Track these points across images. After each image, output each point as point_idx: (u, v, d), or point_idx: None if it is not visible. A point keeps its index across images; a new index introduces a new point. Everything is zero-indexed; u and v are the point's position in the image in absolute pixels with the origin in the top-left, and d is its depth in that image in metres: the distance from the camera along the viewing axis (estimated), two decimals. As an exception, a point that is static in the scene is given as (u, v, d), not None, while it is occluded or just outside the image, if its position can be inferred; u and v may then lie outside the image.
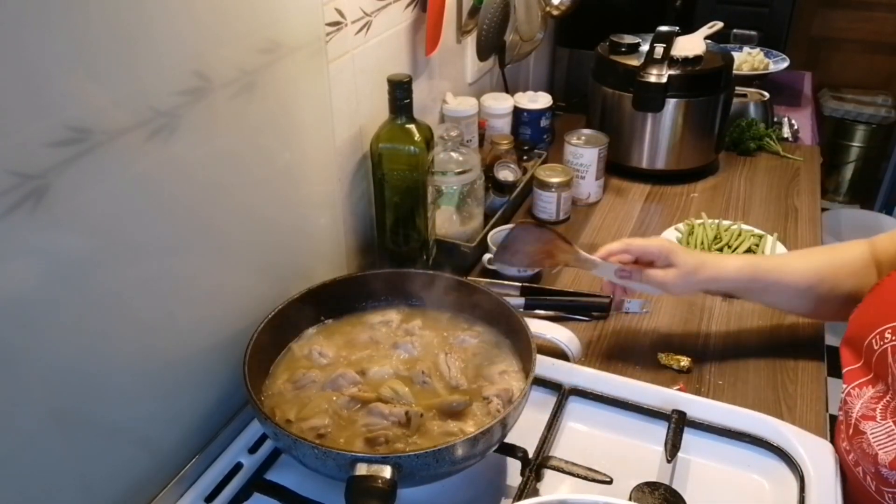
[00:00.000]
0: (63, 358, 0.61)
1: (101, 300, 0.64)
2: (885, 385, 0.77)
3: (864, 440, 0.76)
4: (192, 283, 0.76)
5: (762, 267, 0.97)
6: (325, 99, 0.94)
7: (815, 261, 0.97)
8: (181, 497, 0.76)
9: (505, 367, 0.82)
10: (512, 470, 0.80)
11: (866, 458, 0.76)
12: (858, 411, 0.79)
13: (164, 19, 0.64)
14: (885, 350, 0.76)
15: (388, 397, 0.77)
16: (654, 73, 1.37)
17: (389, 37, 1.12)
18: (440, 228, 1.18)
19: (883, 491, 0.75)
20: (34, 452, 0.61)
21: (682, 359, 0.99)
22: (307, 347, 0.85)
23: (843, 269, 0.94)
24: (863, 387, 0.80)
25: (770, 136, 1.64)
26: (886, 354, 0.76)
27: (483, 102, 1.44)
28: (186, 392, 0.78)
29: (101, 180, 0.61)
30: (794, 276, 0.95)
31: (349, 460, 0.65)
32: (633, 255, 0.95)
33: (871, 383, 0.79)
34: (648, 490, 0.74)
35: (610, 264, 0.95)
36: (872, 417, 0.77)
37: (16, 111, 0.53)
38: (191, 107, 0.69)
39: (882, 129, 3.13)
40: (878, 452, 0.74)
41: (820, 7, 3.10)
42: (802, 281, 0.95)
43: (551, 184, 1.30)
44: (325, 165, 0.98)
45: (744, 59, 1.98)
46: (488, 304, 0.87)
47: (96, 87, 0.59)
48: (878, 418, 0.76)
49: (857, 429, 0.78)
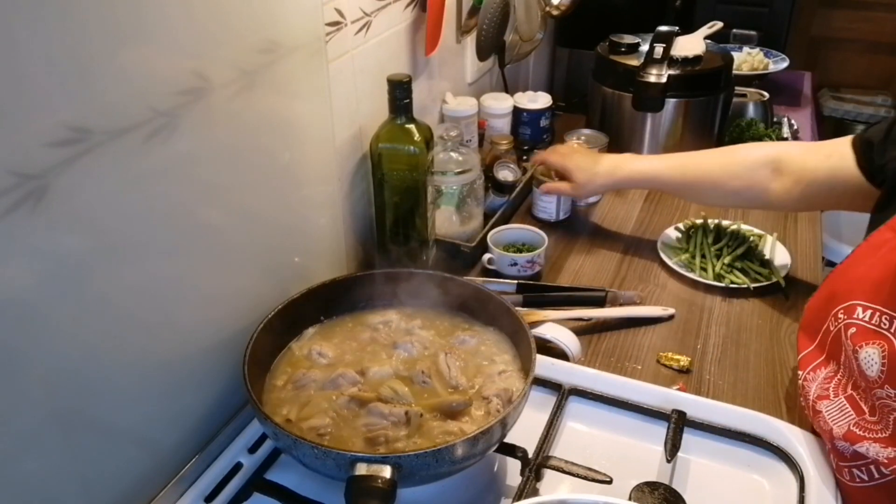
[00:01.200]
0: (62, 358, 0.61)
1: (100, 300, 0.64)
2: (837, 364, 0.80)
3: (820, 419, 0.78)
4: (192, 283, 0.76)
5: (689, 166, 1.15)
6: (324, 99, 0.94)
7: (725, 160, 1.12)
8: (181, 497, 0.76)
9: (505, 367, 0.82)
10: (512, 470, 0.80)
11: (825, 436, 0.79)
12: (814, 393, 0.81)
13: (163, 19, 0.64)
14: (839, 330, 0.79)
15: (387, 397, 0.77)
16: (654, 73, 1.37)
17: (389, 37, 1.12)
18: (440, 228, 1.18)
19: (842, 468, 0.76)
20: (34, 453, 0.61)
21: (682, 359, 0.99)
22: (307, 347, 0.85)
23: (744, 167, 1.09)
24: (817, 369, 0.83)
25: (770, 136, 1.63)
26: (840, 334, 0.78)
27: (483, 102, 1.44)
28: (186, 392, 0.78)
29: (100, 180, 0.61)
30: (714, 176, 1.12)
31: (349, 460, 0.65)
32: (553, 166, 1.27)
33: (823, 365, 0.82)
34: (648, 490, 0.74)
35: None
36: (826, 396, 0.79)
37: (15, 111, 0.53)
38: (190, 107, 0.69)
39: (882, 129, 3.13)
40: (833, 427, 0.76)
41: (820, 7, 3.10)
42: (708, 179, 1.13)
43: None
44: (324, 165, 0.98)
45: (743, 59, 1.98)
46: (488, 304, 0.87)
47: (96, 87, 0.59)
48: (830, 396, 0.79)
49: (815, 409, 0.80)
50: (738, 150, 1.14)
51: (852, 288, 0.79)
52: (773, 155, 1.07)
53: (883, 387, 0.72)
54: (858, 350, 0.75)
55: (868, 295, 0.76)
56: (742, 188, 1.09)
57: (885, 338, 0.72)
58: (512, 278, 1.14)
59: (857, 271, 0.80)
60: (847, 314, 0.78)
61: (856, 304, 0.77)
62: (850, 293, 0.79)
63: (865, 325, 0.75)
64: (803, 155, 1.04)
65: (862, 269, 0.79)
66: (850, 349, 0.76)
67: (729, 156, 1.13)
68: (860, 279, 0.78)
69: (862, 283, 0.78)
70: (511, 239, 1.21)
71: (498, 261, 1.16)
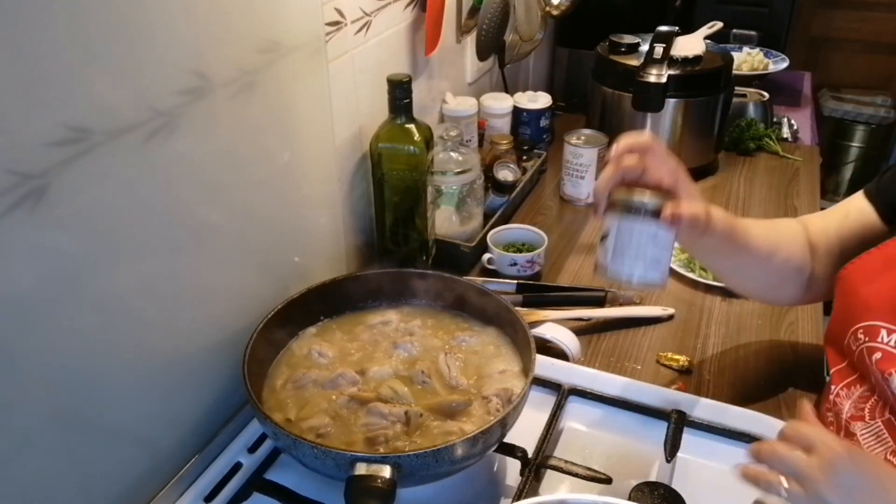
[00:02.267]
0: (62, 358, 0.61)
1: (100, 300, 0.64)
2: (871, 385, 0.77)
3: (855, 441, 0.76)
4: (192, 282, 0.76)
5: (739, 223, 0.82)
6: (324, 99, 0.94)
7: (770, 230, 0.89)
8: (181, 497, 0.76)
9: (504, 367, 0.82)
10: (511, 470, 0.80)
11: None
12: (847, 412, 0.79)
13: (163, 19, 0.64)
14: (861, 350, 0.76)
15: (387, 397, 0.77)
16: (654, 73, 1.37)
17: (389, 37, 1.12)
18: (440, 228, 1.18)
19: None
20: (34, 452, 0.61)
21: (682, 358, 0.99)
22: (307, 347, 0.85)
23: (796, 242, 0.89)
24: (851, 386, 0.80)
25: (770, 137, 1.64)
26: (864, 355, 0.76)
27: (483, 102, 1.44)
28: (186, 392, 0.78)
29: (100, 180, 0.61)
30: (758, 241, 0.84)
31: (349, 460, 0.65)
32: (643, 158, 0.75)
33: (858, 383, 0.79)
34: (648, 490, 0.74)
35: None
36: (861, 417, 0.77)
37: (16, 111, 0.53)
38: (190, 106, 0.69)
39: (881, 129, 3.13)
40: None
41: (820, 7, 3.10)
42: (765, 247, 0.85)
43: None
44: (324, 165, 0.98)
45: (743, 59, 1.98)
46: (488, 304, 0.87)
47: (96, 87, 0.59)
48: (866, 418, 0.77)
49: (848, 430, 0.78)
50: (775, 222, 0.94)
51: (871, 305, 0.75)
52: (804, 229, 0.91)
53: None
54: (888, 378, 0.72)
55: (890, 315, 0.73)
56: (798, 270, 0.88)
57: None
58: (512, 278, 1.14)
59: (875, 287, 0.76)
60: (869, 336, 0.74)
61: (878, 326, 0.74)
62: (868, 311, 0.75)
63: (891, 351, 0.72)
64: (825, 225, 0.89)
65: (880, 285, 0.75)
66: (880, 376, 0.73)
67: (786, 230, 0.91)
68: (879, 296, 0.75)
69: (881, 301, 0.74)
70: (511, 239, 1.21)
71: (498, 260, 1.16)
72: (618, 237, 0.73)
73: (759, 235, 0.85)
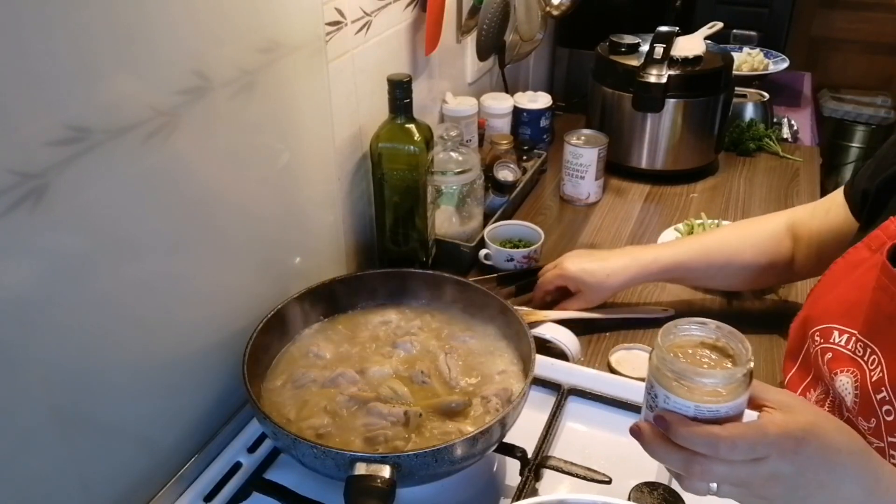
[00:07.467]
0: (62, 357, 0.61)
1: (100, 299, 0.64)
2: (826, 386, 0.78)
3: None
4: (192, 282, 0.76)
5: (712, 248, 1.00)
6: (324, 98, 0.94)
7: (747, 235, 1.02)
8: (180, 496, 0.76)
9: (504, 367, 0.82)
10: (511, 470, 0.80)
11: None
12: None
13: (163, 19, 0.64)
14: (815, 353, 0.77)
15: (387, 397, 0.77)
16: (654, 74, 1.37)
17: (389, 36, 1.12)
18: (440, 228, 1.18)
19: None
20: (33, 452, 0.61)
21: (682, 359, 0.99)
22: (306, 347, 0.85)
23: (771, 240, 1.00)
24: (806, 391, 0.82)
25: (770, 137, 1.64)
26: (818, 357, 0.77)
27: (483, 102, 1.44)
28: (186, 391, 0.78)
29: (100, 179, 0.61)
30: (703, 261, 1.00)
31: (348, 460, 0.65)
32: (559, 285, 1.04)
33: (812, 387, 0.81)
34: (647, 490, 0.74)
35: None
36: None
37: (16, 110, 0.53)
38: (190, 106, 0.69)
39: (881, 129, 3.13)
40: None
41: (819, 7, 3.10)
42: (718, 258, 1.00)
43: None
44: (324, 165, 0.98)
45: (743, 60, 1.98)
46: (488, 304, 0.87)
47: (96, 87, 0.59)
48: None
49: None
50: (754, 224, 1.06)
51: (829, 308, 0.77)
52: (787, 222, 1.01)
53: (857, 417, 0.71)
54: (834, 378, 0.73)
55: (844, 318, 0.74)
56: (768, 265, 1.00)
57: (857, 365, 0.71)
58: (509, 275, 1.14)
59: (834, 292, 0.78)
60: (823, 337, 0.76)
61: (832, 328, 0.75)
62: (825, 314, 0.77)
63: (841, 350, 0.73)
64: (810, 219, 0.98)
65: (839, 290, 0.77)
66: (828, 376, 0.74)
67: (748, 230, 1.04)
68: (837, 300, 0.76)
69: (838, 305, 0.76)
70: (508, 234, 1.21)
71: (494, 256, 1.17)
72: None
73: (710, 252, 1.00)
